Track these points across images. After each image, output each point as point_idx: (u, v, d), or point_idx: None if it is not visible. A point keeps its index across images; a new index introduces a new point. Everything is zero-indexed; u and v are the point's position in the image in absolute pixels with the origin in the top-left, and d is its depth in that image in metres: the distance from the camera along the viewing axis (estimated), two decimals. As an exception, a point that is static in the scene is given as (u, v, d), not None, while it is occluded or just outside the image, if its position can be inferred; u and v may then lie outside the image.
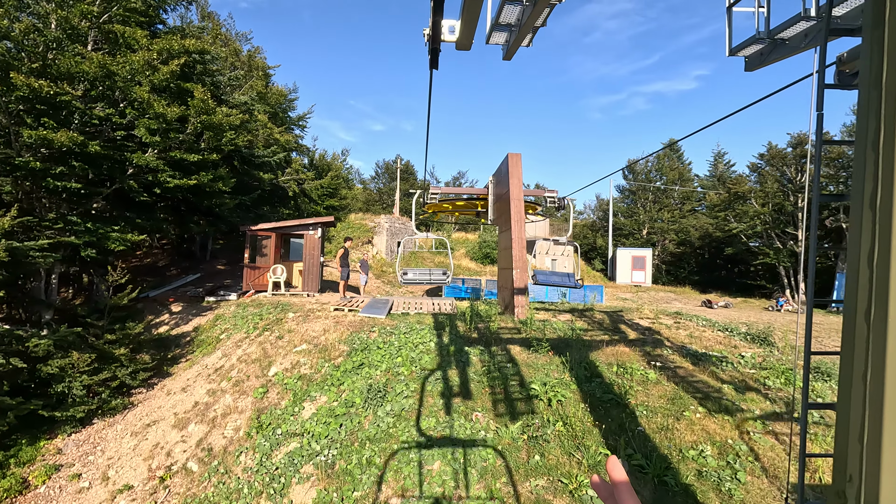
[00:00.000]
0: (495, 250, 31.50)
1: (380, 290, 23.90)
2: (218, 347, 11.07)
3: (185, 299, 14.96)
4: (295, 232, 15.58)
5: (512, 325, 10.35)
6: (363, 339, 9.48)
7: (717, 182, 40.04)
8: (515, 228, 11.59)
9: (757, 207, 27.35)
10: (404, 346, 8.77)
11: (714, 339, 9.78)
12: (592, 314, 12.08)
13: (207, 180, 11.97)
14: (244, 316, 12.32)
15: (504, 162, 12.81)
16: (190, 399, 9.35)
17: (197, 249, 22.93)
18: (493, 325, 9.32)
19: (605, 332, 9.99)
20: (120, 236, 10.13)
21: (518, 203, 11.82)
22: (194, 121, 10.97)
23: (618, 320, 11.28)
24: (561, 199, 14.78)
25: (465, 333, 9.47)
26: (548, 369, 7.53)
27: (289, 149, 23.98)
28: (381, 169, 55.83)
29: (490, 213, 14.84)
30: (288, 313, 11.75)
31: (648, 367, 7.70)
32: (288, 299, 14.05)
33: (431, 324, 10.47)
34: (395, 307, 12.68)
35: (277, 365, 9.45)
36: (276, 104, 22.93)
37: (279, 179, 22.63)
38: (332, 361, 8.98)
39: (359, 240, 27.97)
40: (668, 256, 39.88)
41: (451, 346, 8.59)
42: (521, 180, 12.07)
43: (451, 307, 12.98)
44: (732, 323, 12.20)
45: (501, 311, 12.33)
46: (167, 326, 13.21)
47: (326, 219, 15.55)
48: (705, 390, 6.88)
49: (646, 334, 9.92)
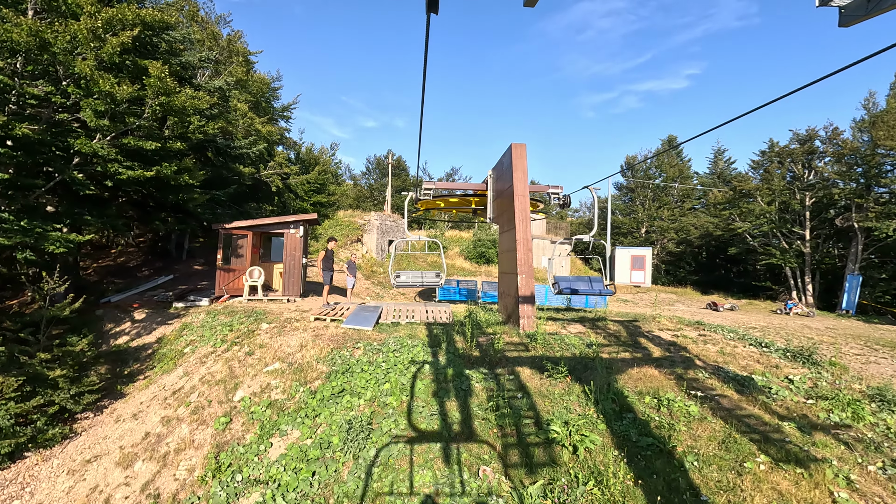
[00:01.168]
0: (491, 249, 30.21)
1: (369, 292, 22.51)
2: (180, 363, 9.63)
3: (152, 304, 13.46)
4: (274, 230, 14.14)
5: (517, 339, 9.04)
6: (345, 358, 8.11)
7: (717, 179, 39.08)
8: (520, 228, 10.27)
9: (763, 206, 26.31)
10: (393, 367, 7.42)
11: (748, 356, 8.56)
12: (605, 324, 10.81)
13: (171, 172, 10.49)
14: (213, 326, 10.89)
15: (506, 154, 11.47)
16: (141, 429, 7.92)
17: (173, 248, 21.35)
18: (497, 343, 7.98)
19: (625, 348, 8.71)
20: (61, 236, 8.64)
21: (523, 200, 10.50)
22: (152, 103, 9.48)
23: (635, 332, 10.02)
24: (566, 196, 13.51)
25: (465, 351, 8.14)
26: (567, 401, 6.23)
27: (272, 141, 22.46)
28: (373, 164, 54.29)
29: (489, 210, 13.51)
30: (262, 324, 10.34)
31: (686, 396, 6.43)
32: (265, 306, 12.62)
33: (425, 337, 9.13)
34: (385, 315, 11.32)
35: (245, 388, 8.06)
36: (257, 93, 21.39)
37: (261, 174, 21.13)
38: (309, 385, 7.61)
39: (347, 238, 26.52)
40: (666, 256, 38.88)
41: (449, 368, 7.26)
42: (526, 174, 10.75)
43: (446, 315, 11.64)
44: (759, 333, 11.02)
45: (504, 321, 11.02)
46: (127, 337, 11.73)
47: (309, 216, 14.12)
48: (761, 429, 5.62)
49: (671, 350, 8.66)
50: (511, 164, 10.85)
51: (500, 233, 12.29)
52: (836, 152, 23.86)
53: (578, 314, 13.12)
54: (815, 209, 26.09)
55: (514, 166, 10.71)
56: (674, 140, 42.03)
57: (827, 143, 24.98)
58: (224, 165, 17.42)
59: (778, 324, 18.44)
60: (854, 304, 23.12)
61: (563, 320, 11.28)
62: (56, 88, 8.85)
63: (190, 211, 13.77)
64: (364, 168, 58.33)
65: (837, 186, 23.99)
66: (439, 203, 15.63)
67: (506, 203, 11.45)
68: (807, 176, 26.24)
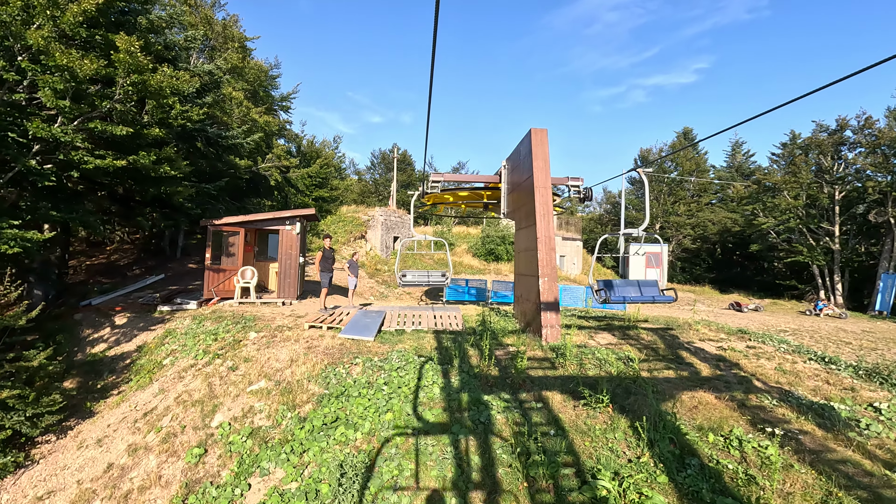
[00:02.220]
0: (500, 246, 28.95)
1: (373, 292, 21.36)
2: (157, 378, 8.52)
3: (136, 308, 12.38)
4: (268, 227, 12.99)
5: (541, 353, 7.82)
6: (341, 377, 6.94)
7: (735, 173, 37.50)
8: (541, 224, 9.03)
9: (790, 200, 24.81)
10: (396, 392, 6.23)
11: (814, 374, 7.29)
12: (637, 333, 9.57)
13: (149, 162, 9.34)
14: (197, 333, 9.78)
15: (524, 141, 10.22)
16: (104, 458, 6.81)
17: (166, 246, 20.32)
18: (520, 362, 6.75)
19: (667, 365, 7.48)
20: (17, 234, 7.51)
21: (545, 192, 9.25)
22: (123, 82, 8.33)
23: (673, 343, 8.77)
24: (587, 189, 12.25)
25: (481, 369, 6.93)
26: (612, 440, 5.01)
27: (270, 132, 21.31)
28: (377, 159, 53.07)
29: (504, 204, 12.27)
30: (250, 332, 9.20)
31: (757, 432, 5.19)
32: (257, 310, 11.49)
33: (433, 351, 7.94)
34: (388, 321, 10.14)
35: (224, 411, 6.92)
36: (254, 81, 20.22)
37: (259, 167, 20.00)
38: (298, 410, 6.46)
39: (350, 235, 25.37)
40: (682, 253, 37.43)
41: (464, 392, 6.06)
42: (547, 163, 9.49)
43: (457, 321, 10.45)
44: (792, 337, 9.71)
45: (522, 329, 9.81)
46: (105, 345, 10.65)
47: (306, 211, 12.95)
48: (866, 482, 4.38)
49: (721, 367, 7.41)
50: (530, 152, 9.61)
51: (517, 230, 11.07)
52: (870, 142, 22.34)
53: (603, 321, 11.87)
54: (844, 204, 24.57)
55: (534, 154, 9.46)
56: (689, 132, 40.43)
57: (859, 133, 23.44)
58: (217, 157, 16.28)
59: (810, 326, 17.09)
60: (889, 305, 21.67)
61: (589, 328, 10.04)
62: (10, 64, 7.71)
63: (177, 206, 12.64)
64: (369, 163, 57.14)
65: (871, 179, 22.47)
66: (448, 197, 14.41)
67: (523, 196, 10.21)
68: (836, 168, 24.72)
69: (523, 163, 10.25)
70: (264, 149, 20.87)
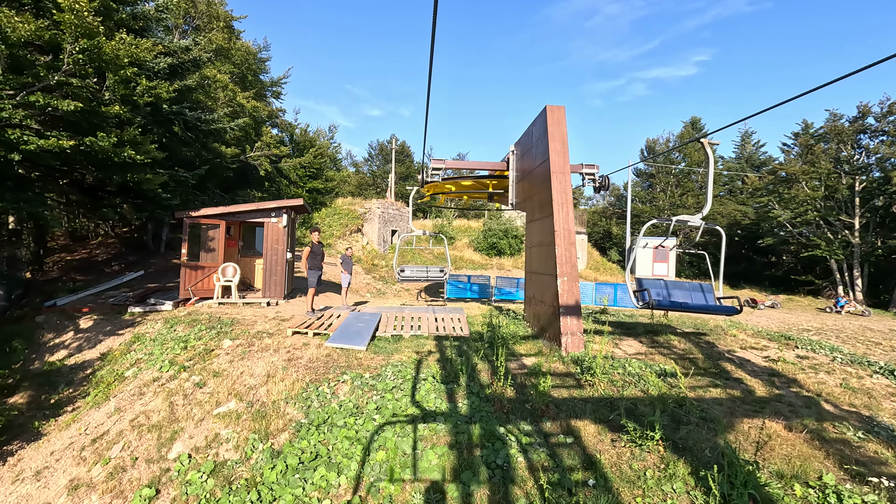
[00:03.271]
0: (503, 240, 27.76)
1: (370, 288, 20.21)
2: (116, 393, 7.35)
3: (106, 309, 11.21)
4: (252, 219, 11.78)
5: (561, 366, 6.66)
6: (325, 399, 5.77)
7: (745, 164, 36.24)
8: (560, 215, 7.84)
9: (807, 191, 23.60)
10: (391, 422, 5.06)
11: (886, 392, 6.14)
12: (668, 339, 8.41)
13: (108, 144, 8.11)
14: (166, 340, 8.61)
15: (538, 121, 9.00)
16: (40, 497, 5.66)
17: (150, 240, 19.09)
18: (542, 384, 5.54)
19: (712, 381, 6.32)
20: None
21: (563, 178, 8.05)
22: (71, 49, 7.09)
23: (712, 353, 7.62)
24: (603, 178, 11.06)
25: (493, 389, 5.76)
26: (671, 494, 3.85)
27: (259, 119, 20.02)
28: (375, 150, 51.69)
29: (512, 194, 11.07)
30: (224, 340, 8.03)
31: (854, 480, 4.04)
32: (238, 311, 10.32)
33: (435, 363, 6.77)
34: (384, 325, 8.98)
35: (185, 439, 5.76)
36: (242, 63, 18.89)
37: (248, 155, 18.74)
38: (271, 441, 5.29)
39: (346, 228, 24.15)
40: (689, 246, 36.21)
41: (475, 423, 4.90)
42: (565, 145, 8.28)
43: (461, 325, 9.28)
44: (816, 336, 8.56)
45: (535, 335, 8.65)
46: (65, 351, 9.49)
47: (293, 201, 11.73)
48: None
49: (778, 384, 6.26)
50: (545, 133, 8.39)
51: (529, 222, 9.87)
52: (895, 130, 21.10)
53: (622, 323, 10.71)
54: (864, 195, 23.38)
55: (550, 135, 8.24)
56: (697, 122, 39.14)
57: (882, 120, 22.19)
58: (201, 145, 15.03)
59: (833, 325, 15.99)
60: (914, 302, 20.57)
61: (612, 334, 8.88)
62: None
63: (151, 196, 11.41)
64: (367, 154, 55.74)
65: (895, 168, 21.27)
66: (449, 187, 13.20)
67: (536, 184, 9.01)
68: (856, 158, 23.51)
69: (536, 146, 9.03)
70: (253, 136, 19.59)
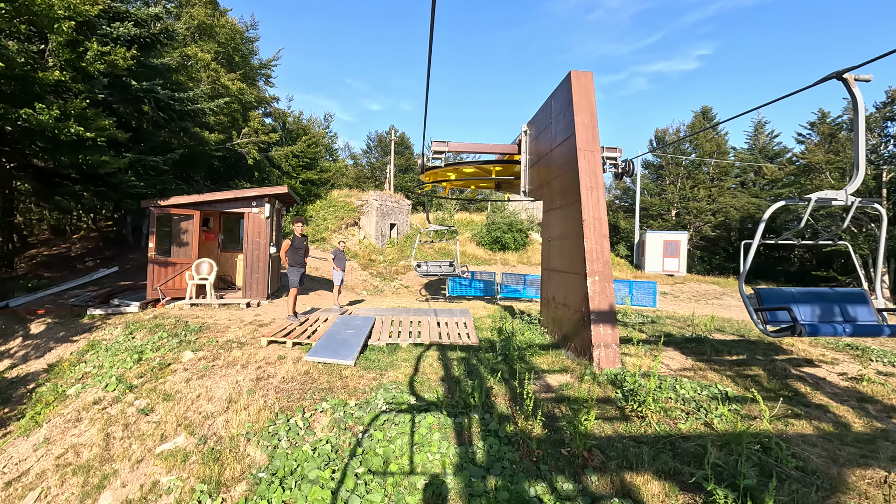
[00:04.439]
0: (506, 234, 26.38)
1: (366, 285, 18.89)
2: (52, 417, 6.05)
3: (64, 311, 9.90)
4: (231, 209, 10.44)
5: (597, 388, 5.34)
6: (296, 437, 4.46)
7: (758, 155, 34.81)
8: (589, 201, 6.50)
9: (832, 182, 22.22)
10: (382, 475, 3.74)
11: None
12: (716, 350, 7.09)
13: (48, 118, 6.76)
14: (120, 350, 7.29)
15: (559, 92, 7.64)
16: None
17: (129, 234, 17.77)
18: (582, 422, 4.16)
19: (790, 408, 4.99)
20: None
21: (591, 157, 6.70)
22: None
23: (775, 369, 6.29)
24: (626, 162, 9.69)
25: (516, 423, 4.43)
26: None
27: (247, 103, 18.61)
28: (374, 142, 50.19)
29: (524, 180, 9.73)
30: (185, 352, 6.71)
31: None
32: (212, 314, 9.01)
33: (439, 385, 5.45)
34: (377, 331, 7.66)
35: (115, 488, 4.46)
36: (227, 42, 17.45)
37: (235, 142, 17.36)
38: (223, 496, 3.99)
39: (342, 221, 22.79)
40: (700, 241, 34.94)
41: (495, 476, 3.58)
42: (594, 118, 6.92)
43: (467, 331, 7.97)
44: None
45: (556, 343, 7.34)
46: (9, 361, 8.16)
47: (276, 189, 10.39)
48: None
49: (874, 414, 4.93)
50: (569, 105, 7.03)
51: (546, 211, 8.52)
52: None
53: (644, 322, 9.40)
54: (891, 186, 22.01)
55: (576, 106, 6.88)
56: (708, 112, 37.65)
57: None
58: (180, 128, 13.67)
59: None
60: (947, 300, 19.23)
61: (645, 343, 7.56)
62: None
63: (115, 183, 10.08)
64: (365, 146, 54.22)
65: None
66: (451, 174, 11.85)
67: (555, 167, 7.65)
68: (883, 146, 22.13)
69: (556, 121, 7.67)
70: (241, 122, 18.20)
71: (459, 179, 11.69)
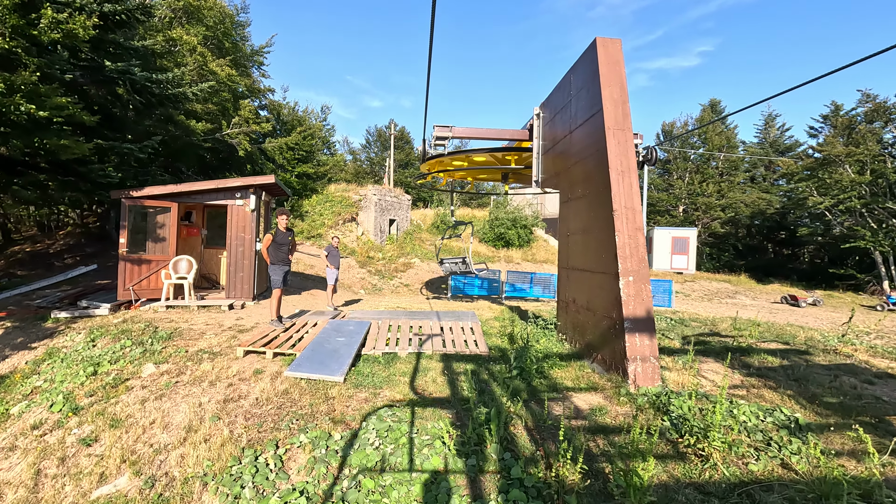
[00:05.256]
0: (510, 230, 25.42)
1: (364, 284, 17.94)
2: (-13, 442, 5.10)
3: (28, 313, 8.96)
4: (212, 201, 9.47)
5: (637, 414, 4.38)
6: (264, 481, 3.50)
7: (769, 149, 33.80)
8: (620, 188, 5.54)
9: (852, 175, 21.21)
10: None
11: None
12: (763, 360, 6.14)
13: (-10, 92, 5.79)
14: (78, 361, 6.34)
15: (582, 64, 6.67)
16: None
17: (113, 229, 16.80)
18: (639, 472, 3.19)
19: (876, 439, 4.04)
20: None
21: (623, 136, 5.74)
22: None
23: (841, 385, 5.34)
24: (649, 149, 8.73)
25: (543, 466, 3.48)
26: None
27: (236, 90, 17.61)
28: (373, 136, 49.15)
29: (536, 169, 8.78)
30: (146, 365, 5.75)
31: None
32: (189, 317, 8.06)
33: (445, 412, 4.49)
34: (373, 338, 6.71)
35: (36, 546, 3.51)
36: (216, 26, 16.44)
37: (224, 132, 16.38)
38: (164, 566, 3.04)
39: (339, 217, 21.82)
40: (708, 237, 33.97)
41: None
42: (625, 91, 5.96)
43: (475, 338, 7.02)
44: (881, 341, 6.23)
45: (577, 353, 6.39)
46: (-43, 371, 7.24)
47: (262, 179, 9.43)
48: None
49: None
50: (594, 77, 6.05)
51: (564, 202, 7.55)
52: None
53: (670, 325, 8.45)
54: (913, 181, 21.02)
55: (603, 78, 5.90)
56: (717, 104, 36.62)
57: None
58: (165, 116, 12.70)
59: (893, 326, 13.75)
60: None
61: (678, 352, 6.62)
62: None
63: (82, 172, 9.12)
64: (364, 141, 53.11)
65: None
66: (455, 163, 10.90)
67: (575, 151, 6.68)
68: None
69: (577, 98, 6.69)
70: (231, 112, 17.21)
71: (466, 169, 10.72)
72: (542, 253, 25.55)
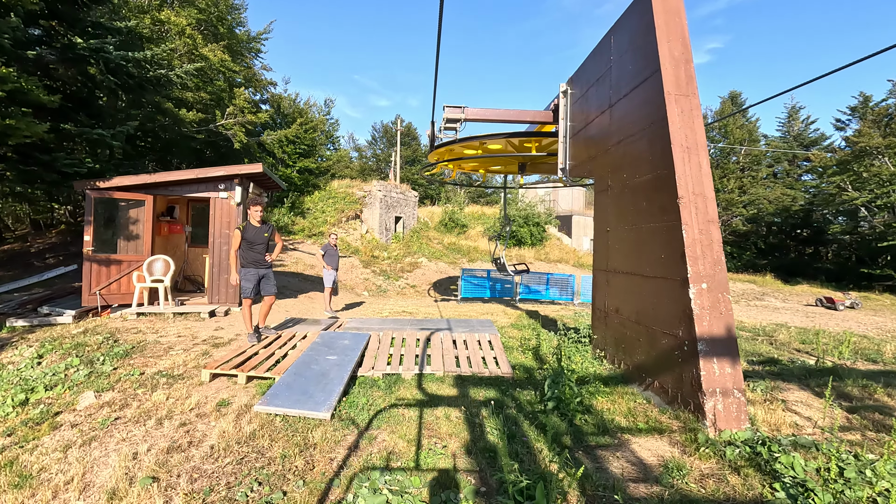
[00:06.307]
0: (522, 228, 24.17)
1: (368, 285, 16.79)
2: None
3: (-15, 320, 7.89)
4: (193, 193, 8.35)
5: (730, 475, 3.15)
6: None
7: (793, 143, 32.20)
8: (686, 168, 4.32)
9: (893, 168, 19.69)
10: None
11: None
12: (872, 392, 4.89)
13: None
14: (14, 383, 5.22)
15: (627, 20, 5.43)
16: None
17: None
18: None
19: None
20: None
21: (688, 103, 4.51)
22: None
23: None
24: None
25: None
26: None
27: (231, 77, 16.53)
28: (379, 133, 48.01)
29: (563, 155, 7.57)
30: (88, 391, 4.62)
31: None
32: (159, 327, 6.95)
33: (465, 474, 3.30)
34: (372, 354, 5.54)
35: None
36: (209, 10, 15.35)
37: (218, 123, 15.31)
38: None
39: (342, 214, 20.70)
40: (729, 235, 32.47)
41: None
42: (688, 47, 4.72)
43: (494, 355, 5.82)
44: None
45: (621, 377, 5.17)
46: None
47: (248, 168, 8.29)
48: None
49: None
50: (647, 34, 4.82)
51: (598, 192, 6.31)
52: None
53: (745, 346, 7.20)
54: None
55: (660, 33, 4.67)
56: (737, 97, 35.05)
57: None
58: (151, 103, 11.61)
59: None
60: None
61: (753, 376, 5.37)
62: None
63: (46, 161, 8.04)
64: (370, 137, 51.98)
65: None
66: (468, 151, 9.71)
67: (617, 130, 5.45)
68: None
69: (621, 63, 5.46)
70: (226, 101, 16.13)
71: (479, 158, 9.51)
72: (555, 252, 24.28)
